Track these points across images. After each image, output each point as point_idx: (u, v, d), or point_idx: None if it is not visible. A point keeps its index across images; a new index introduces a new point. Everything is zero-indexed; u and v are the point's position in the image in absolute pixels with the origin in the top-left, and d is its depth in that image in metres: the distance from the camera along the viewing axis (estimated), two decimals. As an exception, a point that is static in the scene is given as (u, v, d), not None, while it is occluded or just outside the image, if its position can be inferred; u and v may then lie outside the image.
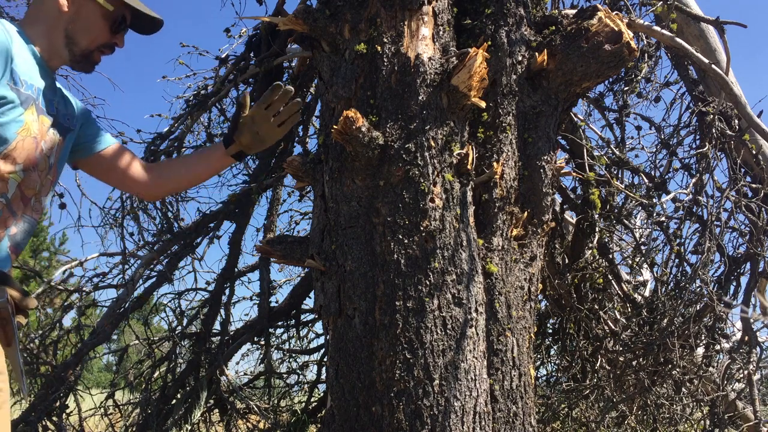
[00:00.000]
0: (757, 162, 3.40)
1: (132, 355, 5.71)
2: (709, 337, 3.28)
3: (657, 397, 3.48)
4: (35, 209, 1.48)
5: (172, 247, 3.71)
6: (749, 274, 3.33)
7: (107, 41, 1.54)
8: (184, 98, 3.83)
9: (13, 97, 1.36)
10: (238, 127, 1.78)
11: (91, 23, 1.51)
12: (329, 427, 1.95)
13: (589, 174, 3.02)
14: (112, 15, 1.53)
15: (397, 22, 2.04)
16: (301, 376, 4.48)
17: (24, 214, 1.45)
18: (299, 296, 3.90)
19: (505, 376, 2.05)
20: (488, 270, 2.09)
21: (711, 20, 3.00)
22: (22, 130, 1.39)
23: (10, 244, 1.41)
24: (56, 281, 4.07)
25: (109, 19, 1.53)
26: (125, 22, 1.57)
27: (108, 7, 1.51)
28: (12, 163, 1.38)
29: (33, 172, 1.45)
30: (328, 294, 2.00)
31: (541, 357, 4.06)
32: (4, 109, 1.35)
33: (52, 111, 1.51)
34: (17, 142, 1.38)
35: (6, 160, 1.37)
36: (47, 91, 1.50)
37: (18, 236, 1.43)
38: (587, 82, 2.32)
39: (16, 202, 1.41)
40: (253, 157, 3.92)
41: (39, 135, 1.45)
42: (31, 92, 1.42)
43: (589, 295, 3.52)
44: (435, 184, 1.93)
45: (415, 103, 1.96)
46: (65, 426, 3.43)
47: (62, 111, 1.57)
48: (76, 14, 1.50)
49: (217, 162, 1.84)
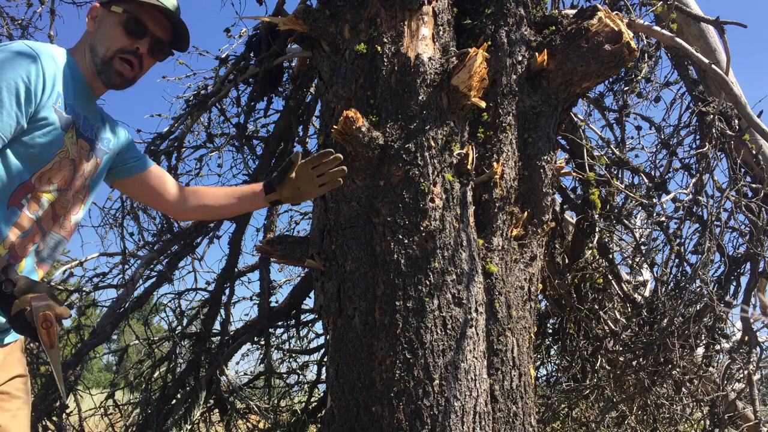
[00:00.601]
0: (757, 162, 3.40)
1: (132, 355, 5.71)
2: (709, 337, 3.29)
3: (657, 397, 3.48)
4: (63, 227, 1.53)
5: (172, 247, 3.71)
6: (749, 274, 3.33)
7: (124, 46, 1.55)
8: (184, 98, 3.83)
9: (55, 119, 1.40)
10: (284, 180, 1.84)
11: (108, 31, 1.54)
12: (329, 427, 1.95)
13: (589, 174, 3.02)
14: (125, 19, 1.55)
15: (397, 22, 2.04)
16: (301, 376, 4.48)
17: (52, 231, 1.50)
18: (299, 296, 3.90)
19: (505, 376, 2.05)
20: (488, 270, 2.09)
21: (711, 20, 3.00)
22: (60, 152, 1.44)
23: (37, 260, 1.46)
24: (56, 281, 4.07)
25: (123, 24, 1.55)
26: (141, 24, 1.56)
27: (118, 11, 1.54)
28: (47, 182, 1.43)
29: (68, 192, 1.50)
30: (328, 294, 2.00)
31: (541, 357, 4.06)
32: (46, 130, 1.39)
33: (92, 135, 1.56)
34: (54, 163, 1.43)
35: (42, 180, 1.42)
36: (89, 115, 1.55)
37: (44, 252, 1.48)
38: (587, 82, 2.32)
39: (46, 220, 1.46)
40: (253, 157, 3.93)
41: (78, 157, 1.50)
42: (73, 116, 1.47)
43: (589, 295, 3.52)
44: (435, 184, 1.93)
45: (415, 103, 1.96)
46: (65, 426, 3.43)
47: (101, 135, 1.62)
48: (98, 28, 1.55)
49: (255, 204, 1.93)
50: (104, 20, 1.54)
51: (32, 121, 1.36)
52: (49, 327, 1.26)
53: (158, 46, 1.60)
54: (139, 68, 1.58)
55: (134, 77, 1.59)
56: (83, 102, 1.52)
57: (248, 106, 3.73)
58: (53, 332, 1.26)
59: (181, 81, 4.17)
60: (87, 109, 1.54)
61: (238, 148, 3.86)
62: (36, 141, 1.38)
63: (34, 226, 1.42)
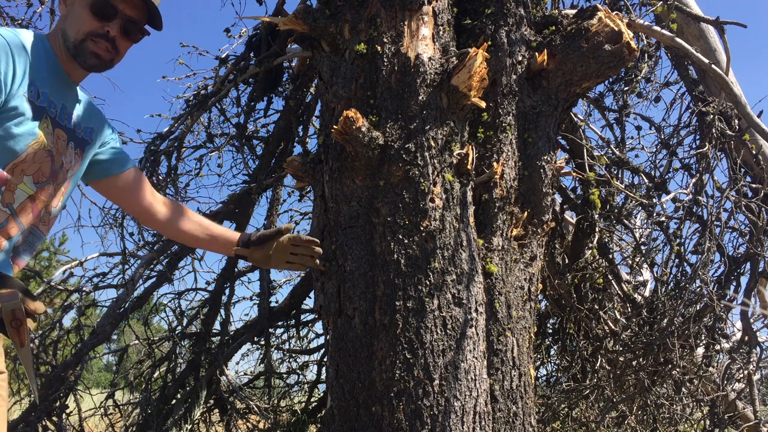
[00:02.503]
0: (757, 162, 3.40)
1: (132, 355, 5.71)
2: (709, 337, 3.28)
3: (657, 397, 3.48)
4: (44, 221, 1.48)
5: (172, 247, 3.71)
6: (749, 274, 3.33)
7: (93, 29, 1.48)
8: (184, 98, 3.83)
9: (25, 108, 1.35)
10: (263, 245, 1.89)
11: (77, 15, 1.49)
12: (329, 427, 1.95)
13: (589, 174, 3.02)
14: (92, 1, 1.49)
15: (397, 22, 2.04)
16: (301, 376, 4.48)
17: (33, 225, 1.45)
18: (299, 296, 3.90)
19: (505, 376, 2.05)
20: (488, 270, 2.09)
21: (711, 20, 3.00)
22: (34, 143, 1.38)
23: (13, 255, 1.41)
24: (56, 281, 4.07)
25: (92, 6, 1.49)
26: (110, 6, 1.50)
27: None
28: (20, 174, 1.38)
29: (49, 186, 1.45)
30: (328, 294, 2.00)
31: (541, 357, 4.06)
32: (16, 121, 1.34)
33: (70, 125, 1.51)
34: (27, 155, 1.38)
35: (14, 172, 1.37)
36: (67, 103, 1.50)
37: (23, 247, 1.43)
38: (587, 82, 2.32)
39: (23, 213, 1.41)
40: (253, 157, 3.93)
41: (55, 148, 1.45)
42: (47, 105, 1.41)
43: (589, 295, 3.52)
44: (435, 184, 1.93)
45: (415, 103, 1.96)
46: (65, 426, 3.43)
47: (81, 124, 1.56)
48: (69, 12, 1.50)
49: (222, 250, 1.96)
50: (75, 3, 1.49)
51: (2, 111, 1.31)
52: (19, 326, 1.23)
53: (131, 26, 1.54)
54: (114, 52, 1.52)
55: (111, 60, 1.53)
56: (60, 89, 1.47)
57: (248, 106, 3.73)
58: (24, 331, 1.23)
59: (181, 81, 4.17)
60: (65, 97, 1.48)
61: (238, 148, 3.87)
62: (6, 132, 1.33)
63: (10, 219, 1.37)
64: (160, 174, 3.45)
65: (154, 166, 3.40)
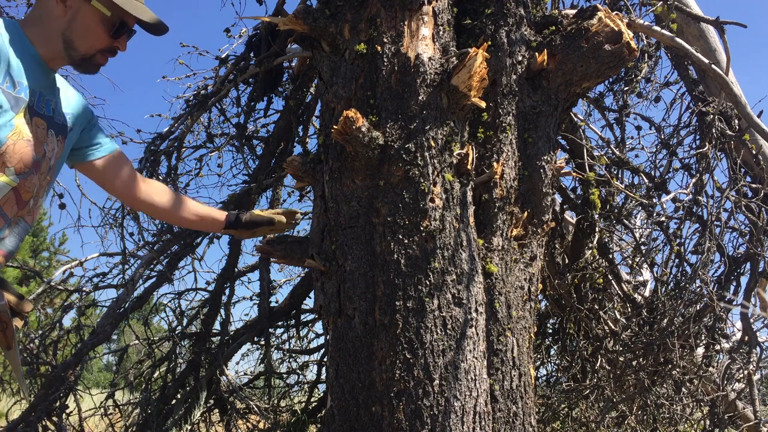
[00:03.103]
0: (757, 162, 3.40)
1: (132, 355, 5.71)
2: (709, 337, 3.28)
3: (657, 397, 3.48)
4: (30, 212, 1.47)
5: (172, 247, 3.71)
6: (749, 274, 3.33)
7: (107, 46, 1.50)
8: (184, 98, 3.83)
9: (2, 100, 1.33)
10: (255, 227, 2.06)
11: (88, 28, 1.47)
12: (329, 427, 1.95)
13: (589, 174, 3.02)
14: (110, 20, 1.48)
15: (397, 22, 2.04)
16: (301, 376, 4.48)
17: (19, 217, 1.43)
18: (299, 296, 3.90)
19: (505, 376, 2.05)
20: (488, 270, 2.09)
21: (711, 20, 3.00)
22: (12, 134, 1.36)
23: (1, 249, 1.39)
24: (56, 281, 4.07)
25: (107, 24, 1.48)
26: (126, 26, 1.52)
27: (105, 12, 1.46)
28: (2, 166, 1.36)
29: (33, 176, 1.43)
30: (328, 294, 2.00)
31: (541, 357, 4.06)
32: None
33: (48, 112, 1.48)
34: (7, 146, 1.36)
35: None
36: (45, 91, 1.48)
37: (8, 240, 1.41)
38: (587, 82, 2.32)
39: (9, 206, 1.39)
40: (253, 157, 3.93)
41: (35, 138, 1.42)
42: (25, 95, 1.39)
43: (589, 295, 3.52)
44: (435, 184, 1.93)
45: (415, 103, 1.96)
46: (65, 426, 3.42)
47: (60, 110, 1.54)
48: (72, 19, 1.46)
49: (211, 228, 2.09)
50: (81, 12, 1.46)
51: None
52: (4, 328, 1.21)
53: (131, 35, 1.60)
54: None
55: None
56: (37, 78, 1.44)
57: (248, 106, 3.73)
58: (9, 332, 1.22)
59: (181, 81, 4.17)
60: (42, 85, 1.46)
61: (238, 148, 3.87)
62: None
63: None
64: (160, 174, 3.45)
65: (154, 166, 3.40)
